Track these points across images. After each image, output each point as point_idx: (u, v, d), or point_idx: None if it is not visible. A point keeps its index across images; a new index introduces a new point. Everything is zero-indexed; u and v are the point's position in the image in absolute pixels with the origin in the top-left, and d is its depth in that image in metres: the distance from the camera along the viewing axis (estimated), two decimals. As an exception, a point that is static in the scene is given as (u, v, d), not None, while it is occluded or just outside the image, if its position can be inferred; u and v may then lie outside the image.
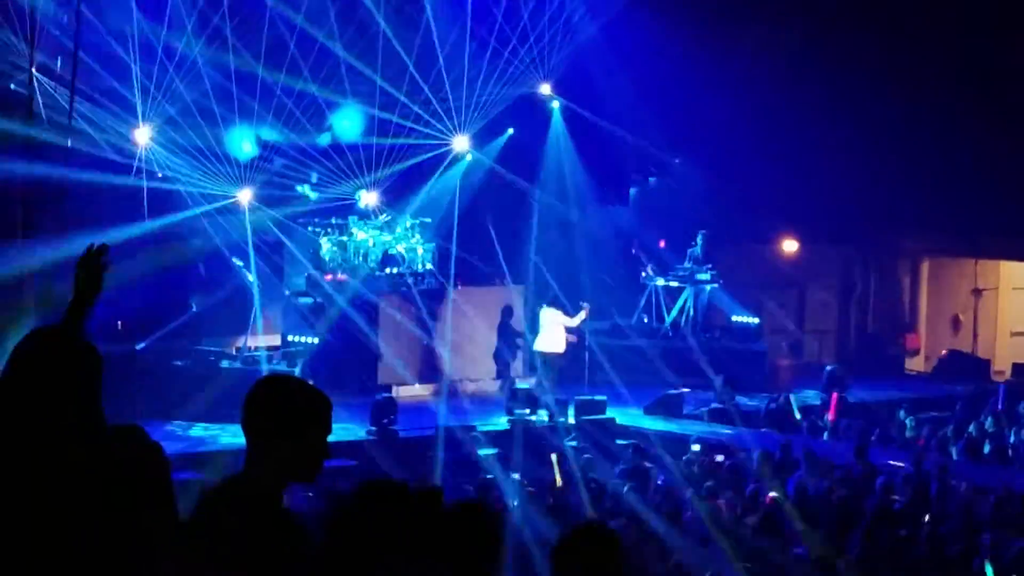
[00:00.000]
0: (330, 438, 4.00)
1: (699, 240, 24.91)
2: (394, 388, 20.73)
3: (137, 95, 19.73)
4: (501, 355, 22.86)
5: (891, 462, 16.21)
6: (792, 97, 24.73)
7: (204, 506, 3.84)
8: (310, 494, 12.76)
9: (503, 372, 22.72)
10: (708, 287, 24.88)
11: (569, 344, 21.39)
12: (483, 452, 17.59)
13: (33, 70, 18.14)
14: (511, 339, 22.97)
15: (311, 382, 4.21)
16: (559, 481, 15.51)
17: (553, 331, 21.18)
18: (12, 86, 18.39)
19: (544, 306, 21.51)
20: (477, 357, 22.89)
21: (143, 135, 20.23)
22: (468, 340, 22.67)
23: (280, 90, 21.04)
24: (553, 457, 16.76)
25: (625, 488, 14.09)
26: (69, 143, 18.38)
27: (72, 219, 17.60)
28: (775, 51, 24.65)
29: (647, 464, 16.21)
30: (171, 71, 19.93)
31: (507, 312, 22.96)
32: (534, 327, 21.94)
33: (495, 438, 18.45)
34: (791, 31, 24.73)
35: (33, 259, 16.93)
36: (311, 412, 3.90)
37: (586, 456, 16.77)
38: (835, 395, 21.06)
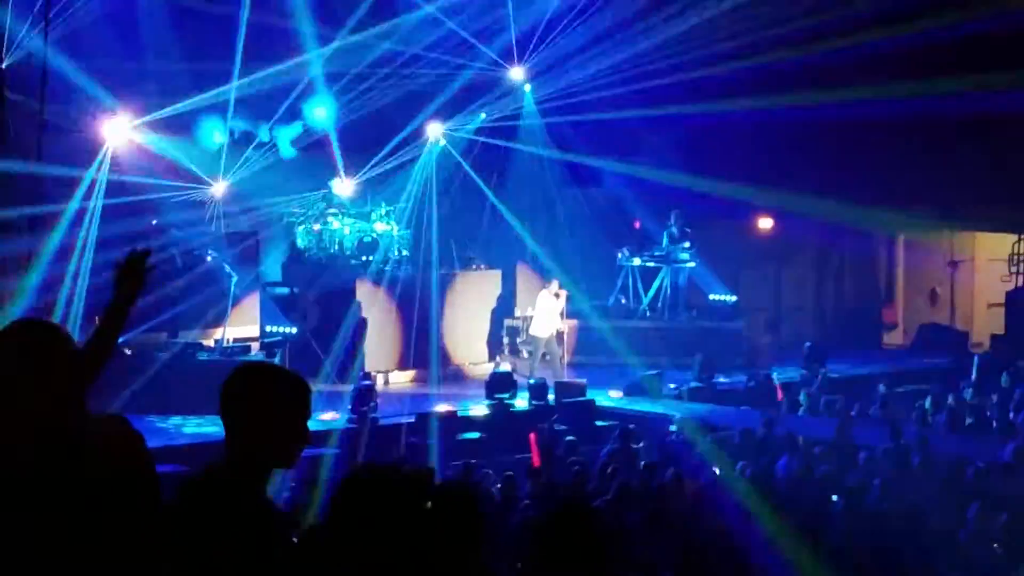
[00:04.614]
0: (312, 426, 3.98)
1: (673, 219, 24.86)
2: (376, 375, 20.70)
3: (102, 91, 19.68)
4: (491, 339, 23.52)
5: (871, 437, 16.21)
6: (763, 71, 24.64)
7: (185, 495, 3.82)
8: (292, 484, 12.74)
9: (492, 356, 23.04)
10: (685, 267, 24.87)
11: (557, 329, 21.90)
12: (464, 436, 17.61)
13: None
14: (499, 323, 23.51)
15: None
16: (537, 462, 15.55)
17: (540, 315, 21.79)
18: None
19: (543, 291, 22.04)
20: (457, 342, 22.94)
21: (114, 131, 20.14)
22: (448, 325, 22.69)
23: (250, 80, 20.99)
24: (531, 437, 16.78)
25: (609, 469, 14.09)
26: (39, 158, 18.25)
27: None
28: (750, 23, 24.52)
29: (633, 445, 16.23)
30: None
31: (497, 297, 23.64)
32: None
33: (476, 422, 18.46)
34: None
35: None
36: (288, 396, 3.88)
37: (569, 438, 16.75)
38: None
